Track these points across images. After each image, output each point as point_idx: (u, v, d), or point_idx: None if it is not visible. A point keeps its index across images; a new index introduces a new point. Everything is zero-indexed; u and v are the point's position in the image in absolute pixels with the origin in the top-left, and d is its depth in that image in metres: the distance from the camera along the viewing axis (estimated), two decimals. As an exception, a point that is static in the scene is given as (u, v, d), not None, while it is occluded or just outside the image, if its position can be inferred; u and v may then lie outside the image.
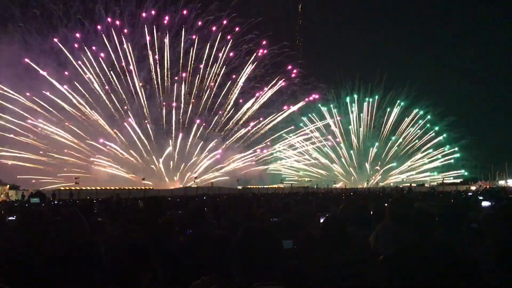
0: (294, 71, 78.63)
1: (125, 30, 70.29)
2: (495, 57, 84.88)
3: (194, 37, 73.01)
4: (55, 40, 65.55)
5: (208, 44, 73.63)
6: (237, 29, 74.52)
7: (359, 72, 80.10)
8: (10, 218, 8.16)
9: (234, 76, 76.53)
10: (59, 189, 50.20)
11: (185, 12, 72.23)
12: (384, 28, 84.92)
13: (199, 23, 73.09)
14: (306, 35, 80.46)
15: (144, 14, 70.57)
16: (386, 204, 6.18)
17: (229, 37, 74.71)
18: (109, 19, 69.00)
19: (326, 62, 78.92)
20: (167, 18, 71.75)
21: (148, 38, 70.96)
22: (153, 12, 70.85)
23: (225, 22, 73.82)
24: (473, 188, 55.80)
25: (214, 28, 73.86)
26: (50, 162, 62.88)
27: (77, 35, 67.67)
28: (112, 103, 70.27)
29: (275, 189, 64.34)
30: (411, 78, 77.61)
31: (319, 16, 80.00)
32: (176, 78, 73.89)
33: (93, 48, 67.99)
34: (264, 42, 75.95)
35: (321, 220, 4.94)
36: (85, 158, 65.81)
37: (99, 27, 68.68)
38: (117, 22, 69.65)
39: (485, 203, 11.03)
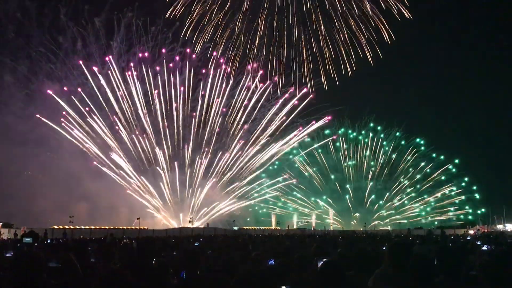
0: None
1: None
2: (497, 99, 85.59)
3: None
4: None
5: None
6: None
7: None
8: (7, 254, 8.02)
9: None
10: (53, 228, 49.42)
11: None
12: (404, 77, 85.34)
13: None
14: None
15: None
16: (384, 248, 6.11)
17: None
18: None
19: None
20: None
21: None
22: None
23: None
24: (471, 232, 55.30)
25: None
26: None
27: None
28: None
29: (272, 230, 63.62)
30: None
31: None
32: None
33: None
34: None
35: (319, 265, 4.86)
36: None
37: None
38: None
39: (484, 248, 10.96)
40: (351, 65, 72.71)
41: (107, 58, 68.98)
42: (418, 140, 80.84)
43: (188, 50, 72.60)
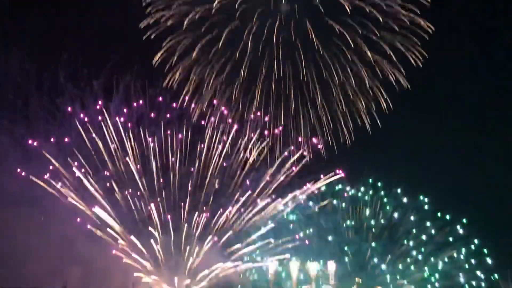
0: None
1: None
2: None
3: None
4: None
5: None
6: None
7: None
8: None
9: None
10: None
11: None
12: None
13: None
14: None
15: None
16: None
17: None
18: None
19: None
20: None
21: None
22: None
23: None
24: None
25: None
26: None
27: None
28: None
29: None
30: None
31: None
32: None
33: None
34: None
35: None
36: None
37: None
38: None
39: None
40: (349, 134, 73.49)
41: (103, 118, 70.33)
42: (421, 198, 78.46)
43: (185, 110, 74.80)
